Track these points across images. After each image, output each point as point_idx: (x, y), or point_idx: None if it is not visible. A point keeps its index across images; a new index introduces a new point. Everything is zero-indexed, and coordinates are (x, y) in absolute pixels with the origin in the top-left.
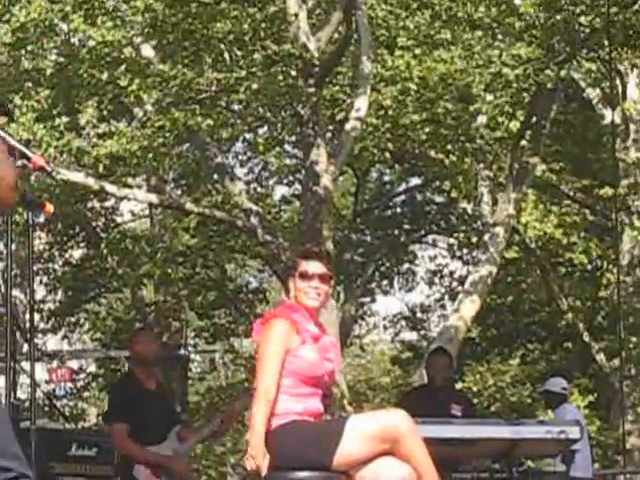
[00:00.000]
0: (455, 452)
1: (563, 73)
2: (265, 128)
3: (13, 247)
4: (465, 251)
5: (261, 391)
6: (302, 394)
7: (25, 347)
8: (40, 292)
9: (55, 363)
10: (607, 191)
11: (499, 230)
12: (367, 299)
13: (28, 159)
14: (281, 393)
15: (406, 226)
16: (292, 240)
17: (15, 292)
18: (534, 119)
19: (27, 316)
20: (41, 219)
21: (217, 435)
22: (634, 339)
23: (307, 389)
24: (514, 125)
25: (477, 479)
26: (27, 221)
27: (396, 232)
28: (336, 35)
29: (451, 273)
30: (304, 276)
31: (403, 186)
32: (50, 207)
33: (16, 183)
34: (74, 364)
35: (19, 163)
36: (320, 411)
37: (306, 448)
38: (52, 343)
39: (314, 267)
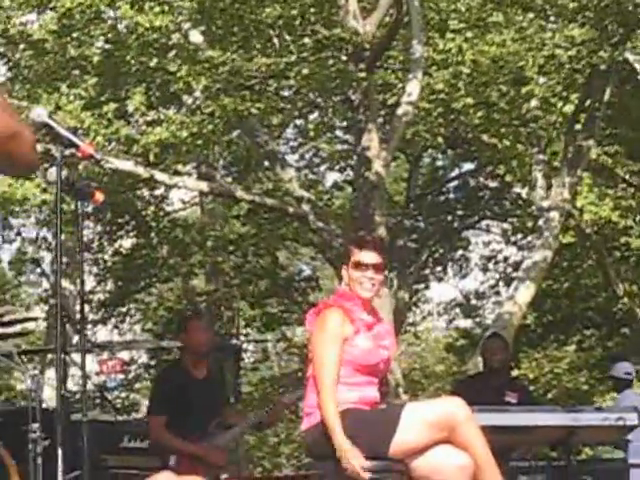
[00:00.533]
0: (512, 440)
1: (617, 55)
2: (316, 114)
3: (62, 237)
4: (519, 236)
5: (327, 385)
6: (357, 383)
7: (75, 338)
8: (89, 283)
9: (105, 354)
10: None
11: (554, 215)
12: (421, 286)
13: (77, 147)
14: (340, 383)
15: (459, 212)
16: (344, 227)
17: (64, 283)
18: (588, 102)
19: (77, 307)
20: (89, 208)
21: (264, 426)
22: None
23: (362, 378)
24: (568, 108)
25: (534, 467)
26: (76, 210)
27: (449, 218)
28: (387, 18)
29: (505, 259)
30: (359, 266)
31: (456, 171)
32: (100, 195)
33: (35, 142)
34: (125, 355)
35: (67, 152)
36: (376, 399)
37: (362, 437)
38: (102, 334)
39: (369, 257)
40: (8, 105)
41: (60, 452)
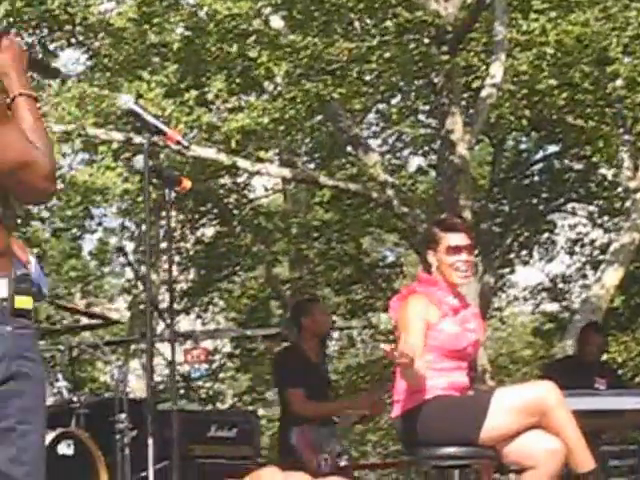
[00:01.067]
0: (602, 424)
1: None
2: (398, 98)
3: (143, 227)
4: (606, 218)
5: (421, 367)
6: (445, 368)
7: (158, 328)
8: (172, 272)
9: (189, 344)
10: None
11: None
12: (506, 270)
13: (164, 134)
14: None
15: (544, 194)
16: (429, 212)
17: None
18: None
19: (160, 297)
20: (172, 196)
21: (362, 421)
22: None
23: (451, 363)
24: None
25: (625, 451)
26: (163, 198)
27: (534, 201)
28: (469, 0)
29: (592, 242)
30: (454, 250)
31: (540, 154)
32: (187, 182)
33: (53, 172)
34: (208, 344)
35: (155, 139)
36: (465, 384)
37: (452, 423)
38: (185, 324)
39: (461, 239)
40: (35, 129)
41: (150, 442)
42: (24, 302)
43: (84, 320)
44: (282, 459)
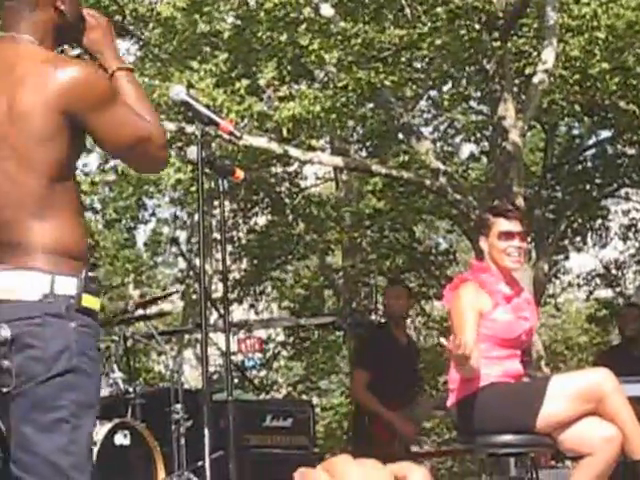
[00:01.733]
0: None
1: None
2: (450, 84)
3: (196, 217)
4: None
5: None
6: (499, 357)
7: (212, 318)
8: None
9: (242, 333)
10: None
11: None
12: (560, 257)
13: (217, 125)
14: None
15: (597, 180)
16: (482, 198)
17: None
18: None
19: (213, 287)
20: (225, 185)
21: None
22: None
23: (504, 351)
24: None
25: None
26: (217, 188)
27: (587, 187)
28: None
29: None
30: (506, 236)
31: (593, 139)
32: (240, 172)
33: (165, 140)
34: (262, 334)
35: (207, 129)
36: (520, 372)
37: (508, 411)
38: (238, 313)
39: (514, 225)
40: (140, 104)
41: (206, 432)
42: (91, 302)
43: (139, 311)
44: (356, 443)
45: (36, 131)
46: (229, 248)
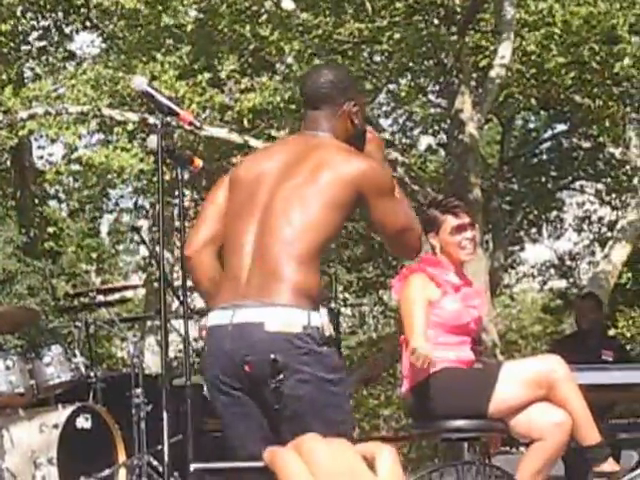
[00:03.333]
0: (610, 398)
1: None
2: (408, 78)
3: (157, 206)
4: (614, 196)
5: (417, 333)
6: (449, 343)
7: (174, 305)
8: None
9: (203, 320)
10: None
11: None
12: (516, 247)
13: (177, 115)
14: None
15: (553, 173)
16: (439, 190)
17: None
18: None
19: (175, 274)
20: (186, 176)
21: (371, 381)
22: None
23: (454, 338)
24: None
25: (634, 424)
26: (176, 177)
27: (543, 179)
28: None
29: (600, 219)
30: (457, 229)
31: (549, 132)
32: (198, 161)
33: (420, 233)
34: None
35: (168, 119)
36: (471, 359)
37: (461, 396)
38: (200, 301)
39: (463, 218)
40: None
41: (165, 416)
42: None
43: (100, 297)
44: None
45: (331, 199)
46: None
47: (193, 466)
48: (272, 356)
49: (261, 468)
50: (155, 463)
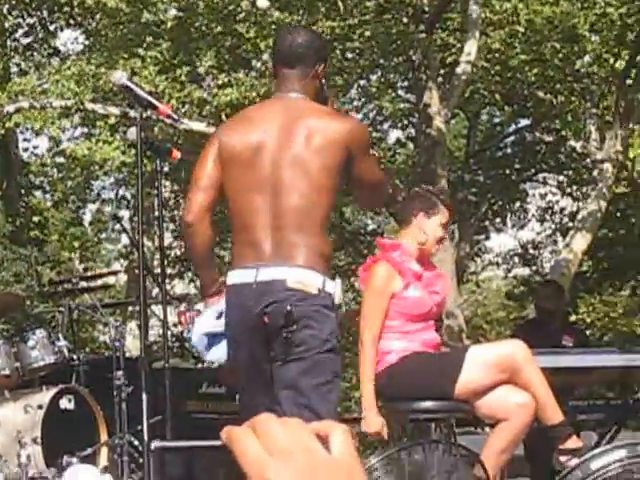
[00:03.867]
0: (571, 381)
1: None
2: (378, 74)
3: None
4: (575, 188)
5: (368, 340)
6: (415, 330)
7: (154, 291)
8: (167, 238)
9: (183, 306)
10: None
11: (607, 166)
12: (481, 237)
13: (156, 108)
14: (395, 333)
15: (517, 165)
16: (407, 182)
17: (143, 239)
18: (639, 57)
19: (155, 262)
20: (165, 168)
21: None
22: None
23: (419, 325)
24: (619, 64)
25: (592, 406)
26: (155, 168)
27: (507, 171)
28: None
29: (561, 210)
30: (444, 227)
31: (513, 127)
32: (177, 153)
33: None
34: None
35: (148, 113)
36: (437, 340)
37: (429, 379)
38: (180, 288)
39: (450, 217)
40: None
41: (145, 398)
42: (340, 299)
43: (83, 284)
44: None
45: (328, 162)
46: (171, 226)
47: (154, 443)
48: (288, 307)
49: (219, 447)
50: (135, 442)
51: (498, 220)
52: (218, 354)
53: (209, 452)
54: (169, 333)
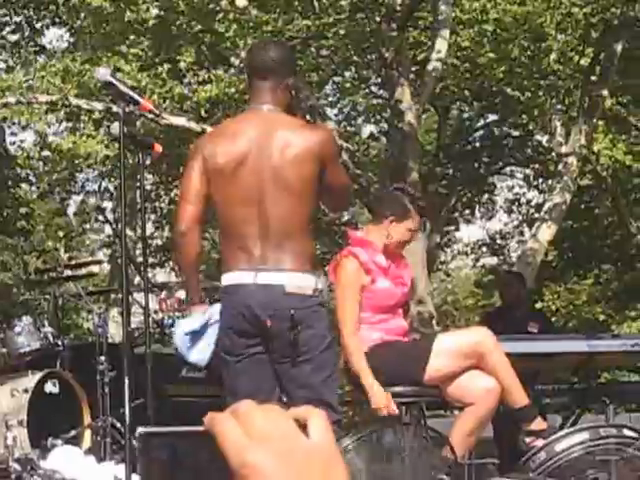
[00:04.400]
0: (536, 366)
1: (628, 11)
2: (352, 71)
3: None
4: (541, 180)
5: (350, 332)
6: (382, 320)
7: (137, 279)
8: (148, 229)
9: (164, 294)
10: None
11: (572, 160)
12: (451, 228)
13: (138, 103)
14: (365, 324)
15: (485, 159)
16: (380, 174)
17: (126, 229)
18: (602, 55)
19: (137, 251)
20: (147, 161)
21: None
22: None
23: (387, 314)
24: (584, 61)
25: (557, 390)
26: (138, 161)
27: (476, 165)
28: None
29: (528, 201)
30: (412, 233)
31: (482, 122)
32: (158, 147)
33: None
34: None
35: (130, 108)
36: (405, 328)
37: (399, 366)
38: (161, 276)
39: (419, 223)
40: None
41: (127, 382)
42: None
43: (68, 272)
44: None
45: (304, 171)
46: (152, 217)
47: (139, 430)
48: (291, 312)
49: (202, 432)
50: (118, 425)
51: (467, 211)
52: (200, 356)
53: (193, 436)
54: (150, 320)
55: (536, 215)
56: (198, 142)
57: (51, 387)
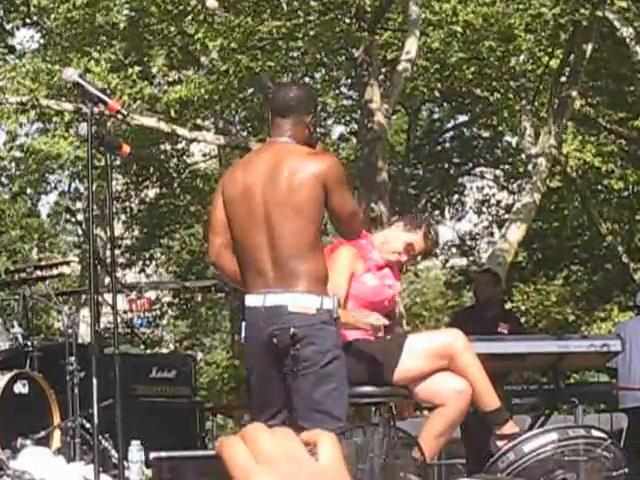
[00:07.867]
0: (506, 366)
1: (597, 12)
2: (322, 71)
3: (93, 187)
4: (511, 181)
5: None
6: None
7: (106, 280)
8: (118, 229)
9: (134, 294)
10: None
11: (541, 161)
12: None
13: (106, 104)
14: None
15: (455, 160)
16: (350, 175)
17: (95, 230)
18: (572, 57)
19: (107, 252)
20: (117, 162)
21: None
22: None
23: (368, 311)
24: (554, 62)
25: (526, 391)
26: (106, 162)
27: (446, 166)
28: None
29: (498, 202)
30: (407, 248)
31: (452, 122)
32: (126, 148)
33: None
34: (151, 295)
35: (97, 109)
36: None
37: (369, 366)
38: (130, 277)
39: (420, 247)
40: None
41: (95, 382)
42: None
43: (38, 273)
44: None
45: (310, 195)
46: (122, 217)
47: (152, 455)
48: (292, 330)
49: (213, 456)
50: (87, 425)
51: (437, 212)
52: None
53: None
54: (119, 320)
55: (506, 216)
56: (223, 176)
57: (20, 387)
